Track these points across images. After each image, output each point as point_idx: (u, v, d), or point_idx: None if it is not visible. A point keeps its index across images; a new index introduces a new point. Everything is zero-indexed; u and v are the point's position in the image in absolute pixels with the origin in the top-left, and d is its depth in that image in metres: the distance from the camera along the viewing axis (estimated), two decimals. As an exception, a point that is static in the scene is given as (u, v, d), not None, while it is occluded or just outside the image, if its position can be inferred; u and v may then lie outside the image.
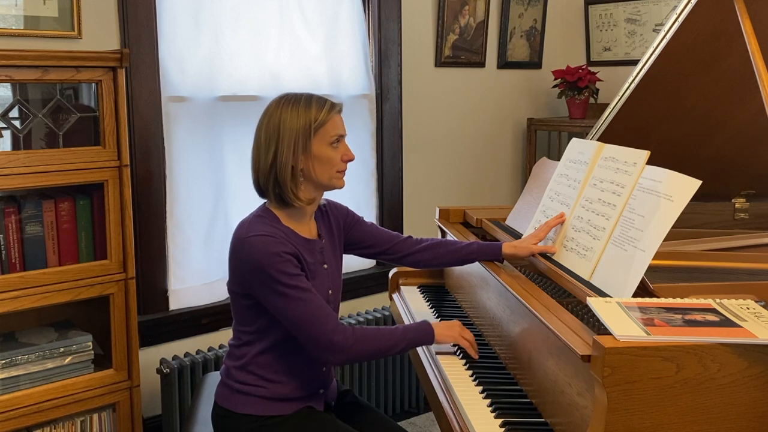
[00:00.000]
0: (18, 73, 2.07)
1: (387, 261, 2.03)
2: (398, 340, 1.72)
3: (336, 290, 1.85)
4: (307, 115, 1.73)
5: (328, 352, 1.66)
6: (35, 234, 2.19)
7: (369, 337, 1.70)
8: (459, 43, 3.50)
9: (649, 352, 1.22)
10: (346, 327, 1.68)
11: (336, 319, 1.69)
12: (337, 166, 1.76)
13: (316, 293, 1.69)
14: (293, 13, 2.97)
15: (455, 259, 2.00)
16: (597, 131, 2.26)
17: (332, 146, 1.75)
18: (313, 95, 1.79)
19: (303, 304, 1.65)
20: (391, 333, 1.73)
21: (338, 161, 1.76)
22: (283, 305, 1.66)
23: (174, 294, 2.75)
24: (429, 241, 2.00)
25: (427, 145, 3.49)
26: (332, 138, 1.74)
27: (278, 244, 1.67)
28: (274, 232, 1.70)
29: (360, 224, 1.96)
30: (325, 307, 1.68)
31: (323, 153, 1.73)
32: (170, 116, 2.68)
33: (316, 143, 1.73)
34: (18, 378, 2.19)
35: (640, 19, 3.65)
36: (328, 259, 1.84)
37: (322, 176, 1.75)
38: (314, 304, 1.66)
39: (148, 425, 2.65)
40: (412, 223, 3.43)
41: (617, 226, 1.63)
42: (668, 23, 1.99)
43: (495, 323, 1.88)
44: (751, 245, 1.85)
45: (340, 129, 1.77)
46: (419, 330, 1.77)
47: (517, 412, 1.54)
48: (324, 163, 1.74)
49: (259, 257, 1.66)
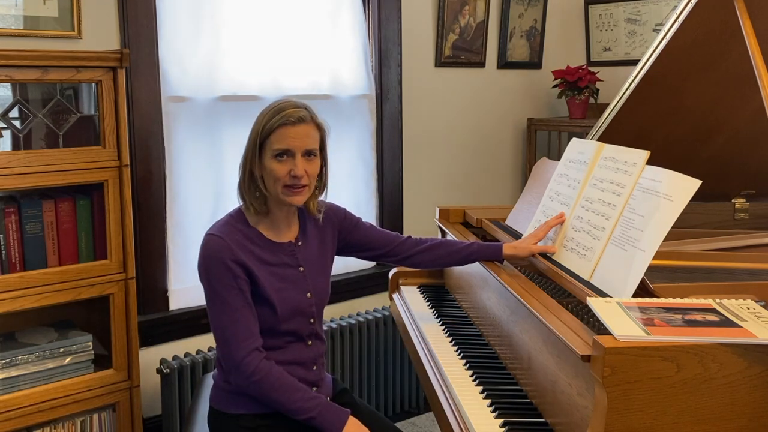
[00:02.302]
0: (18, 73, 2.07)
1: (387, 263, 2.02)
2: (308, 408, 1.64)
3: (318, 293, 1.80)
4: (262, 122, 1.69)
5: (234, 371, 1.66)
6: (35, 234, 2.19)
7: (278, 384, 1.64)
8: (459, 43, 3.50)
9: (649, 352, 1.22)
10: (262, 360, 1.64)
11: (256, 345, 1.64)
12: (282, 181, 1.67)
13: (245, 311, 1.65)
14: (293, 13, 2.97)
15: (455, 259, 1.99)
16: (597, 131, 2.26)
17: (277, 159, 1.66)
18: (287, 102, 1.71)
19: (225, 318, 1.65)
20: (305, 398, 1.65)
21: (283, 176, 1.66)
22: (210, 311, 1.69)
23: (174, 294, 2.75)
24: (429, 241, 1.98)
25: (427, 145, 3.49)
26: (275, 151, 1.66)
27: (224, 249, 1.66)
28: (231, 233, 1.69)
29: (358, 227, 1.93)
30: (246, 328, 1.64)
31: (267, 165, 1.68)
32: (170, 116, 2.68)
33: (264, 153, 1.68)
34: (18, 378, 2.19)
35: (640, 19, 3.65)
36: (307, 262, 1.79)
37: (270, 189, 1.70)
38: (237, 322, 1.64)
39: (148, 425, 2.65)
40: (412, 223, 3.43)
41: (617, 226, 1.63)
42: (668, 23, 1.99)
43: (495, 323, 1.88)
44: (751, 245, 1.85)
45: (287, 143, 1.66)
46: (334, 414, 1.66)
47: (517, 412, 1.54)
48: (268, 176, 1.68)
49: (202, 256, 1.70)
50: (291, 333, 1.74)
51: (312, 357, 1.79)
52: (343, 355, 2.95)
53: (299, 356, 1.76)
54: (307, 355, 1.78)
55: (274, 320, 1.71)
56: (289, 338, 1.75)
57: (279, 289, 1.71)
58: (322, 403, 1.67)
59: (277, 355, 1.72)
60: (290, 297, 1.73)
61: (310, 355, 1.79)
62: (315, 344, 1.81)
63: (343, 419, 1.67)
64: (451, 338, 1.97)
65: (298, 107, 1.70)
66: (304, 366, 1.77)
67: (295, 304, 1.73)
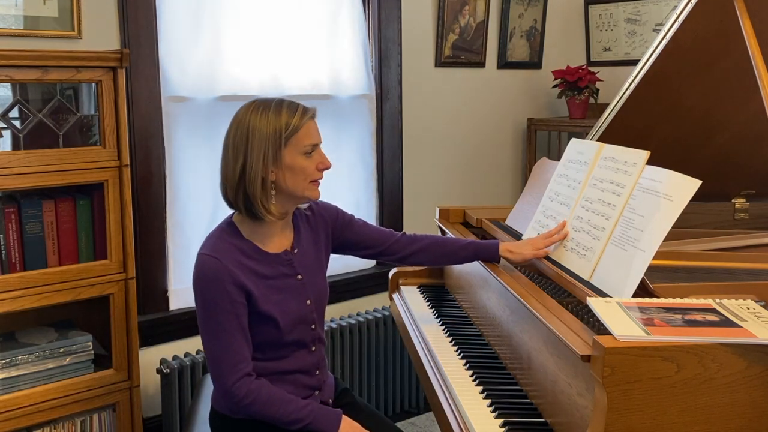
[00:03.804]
0: (18, 73, 2.07)
1: (385, 261, 2.01)
2: (302, 417, 1.64)
3: (317, 299, 1.78)
4: (277, 123, 1.62)
5: (225, 395, 1.64)
6: (35, 234, 2.19)
7: (270, 401, 1.62)
8: (459, 43, 3.50)
9: (649, 352, 1.22)
10: (251, 383, 1.62)
11: (246, 370, 1.63)
12: (311, 176, 1.66)
13: (238, 336, 1.62)
14: (293, 13, 2.98)
15: (453, 259, 2.00)
16: (597, 131, 2.26)
17: (306, 155, 1.64)
18: (285, 100, 1.67)
19: (218, 343, 1.63)
20: (297, 408, 1.64)
21: (312, 171, 1.65)
22: (202, 332, 1.66)
23: (174, 294, 2.75)
24: (425, 239, 1.96)
25: (427, 145, 3.49)
26: (306, 147, 1.64)
27: (221, 272, 1.61)
28: (226, 251, 1.64)
29: (351, 225, 1.90)
30: (238, 354, 1.62)
31: (296, 163, 1.63)
32: (170, 116, 2.68)
33: (288, 153, 1.63)
34: (18, 378, 2.19)
35: (640, 19, 3.65)
36: (305, 269, 1.76)
37: (295, 188, 1.65)
38: (229, 348, 1.62)
39: (148, 425, 2.65)
40: (412, 223, 3.43)
41: (617, 226, 1.63)
42: (668, 23, 1.99)
43: (495, 323, 1.88)
44: (751, 245, 1.85)
45: (315, 137, 1.66)
46: (326, 417, 1.67)
47: (517, 412, 1.54)
48: (297, 174, 1.64)
49: (197, 278, 1.64)
50: (295, 342, 1.73)
51: (315, 362, 1.78)
52: (343, 355, 2.96)
53: (302, 364, 1.75)
54: (310, 361, 1.77)
55: (278, 333, 1.69)
56: (294, 347, 1.73)
57: (278, 302, 1.69)
58: (314, 409, 1.67)
59: (281, 364, 1.71)
60: (290, 308, 1.70)
61: (313, 361, 1.78)
62: (318, 349, 1.80)
63: (337, 420, 1.67)
64: (451, 338, 1.97)
65: (298, 103, 1.69)
66: (307, 373, 1.77)
67: (296, 314, 1.71)
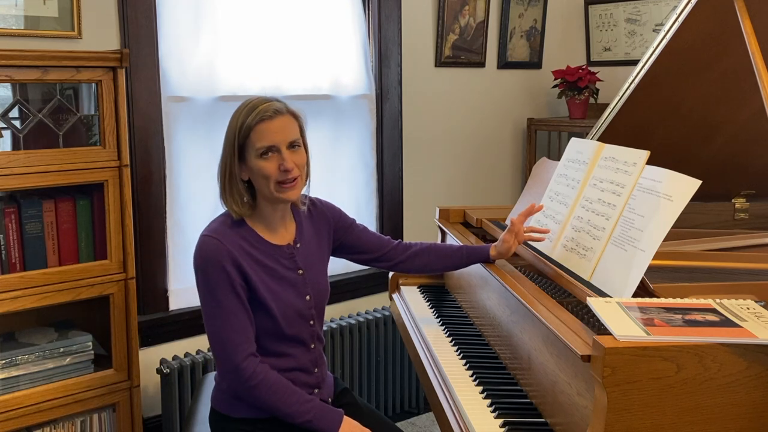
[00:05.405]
0: (18, 73, 2.07)
1: (379, 268, 2.00)
2: (305, 411, 1.64)
3: (317, 295, 1.78)
4: (236, 124, 1.63)
5: (230, 376, 1.64)
6: (35, 234, 2.19)
7: (275, 388, 1.63)
8: (459, 43, 3.50)
9: (649, 352, 1.22)
10: (258, 364, 1.62)
11: (251, 350, 1.63)
12: (274, 178, 1.63)
13: (241, 315, 1.63)
14: (293, 12, 2.98)
15: (446, 266, 2.01)
16: (597, 131, 2.26)
17: (263, 158, 1.62)
18: (256, 100, 1.66)
19: (221, 322, 1.62)
20: (301, 401, 1.64)
21: (273, 172, 1.62)
22: (204, 314, 1.66)
23: (174, 294, 2.75)
24: (419, 245, 1.97)
25: (427, 145, 3.49)
26: (259, 149, 1.62)
27: (221, 251, 1.61)
28: (227, 235, 1.65)
29: (352, 228, 1.90)
30: (243, 332, 1.62)
31: (254, 165, 1.63)
32: (170, 116, 2.68)
33: (248, 154, 1.63)
34: (18, 378, 2.19)
35: (640, 19, 3.65)
36: (306, 264, 1.76)
37: (261, 188, 1.65)
38: (233, 326, 1.62)
39: (148, 425, 2.65)
40: (412, 223, 3.43)
41: (617, 226, 1.63)
42: (668, 23, 1.99)
43: (495, 323, 1.88)
44: (751, 245, 1.85)
45: (269, 139, 1.62)
46: (328, 416, 1.67)
47: (517, 412, 1.54)
48: (259, 177, 1.63)
49: (197, 257, 1.65)
50: (293, 339, 1.73)
51: (313, 360, 1.79)
52: (343, 355, 2.96)
53: (301, 362, 1.75)
54: (308, 358, 1.77)
55: (275, 325, 1.69)
56: (293, 343, 1.73)
57: (276, 293, 1.69)
58: (317, 406, 1.67)
59: (280, 362, 1.71)
60: (288, 301, 1.70)
61: (311, 359, 1.78)
62: (317, 347, 1.80)
63: (338, 420, 1.67)
64: (451, 338, 1.97)
65: (269, 101, 1.66)
66: (306, 371, 1.77)
67: (293, 307, 1.71)
